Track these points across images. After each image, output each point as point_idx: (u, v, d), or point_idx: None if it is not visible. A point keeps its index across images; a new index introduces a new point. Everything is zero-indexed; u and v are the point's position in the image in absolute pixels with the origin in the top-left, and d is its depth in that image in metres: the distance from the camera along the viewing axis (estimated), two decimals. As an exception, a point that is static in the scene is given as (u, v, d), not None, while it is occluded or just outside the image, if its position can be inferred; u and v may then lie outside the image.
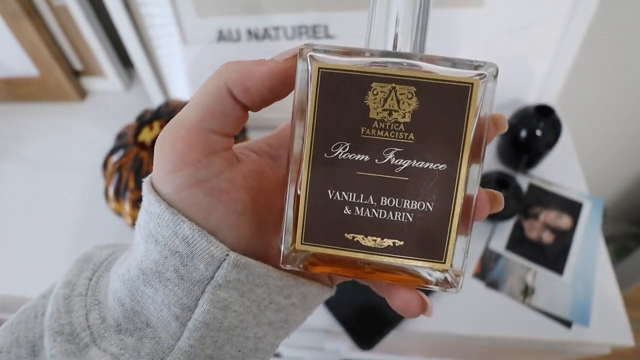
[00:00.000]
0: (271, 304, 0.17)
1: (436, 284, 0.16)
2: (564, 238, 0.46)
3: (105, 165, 0.46)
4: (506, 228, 0.48)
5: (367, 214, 0.15)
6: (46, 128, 0.66)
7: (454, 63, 0.14)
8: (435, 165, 0.14)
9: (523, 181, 0.51)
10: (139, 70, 0.57)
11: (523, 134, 0.47)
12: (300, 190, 0.15)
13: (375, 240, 0.15)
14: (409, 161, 0.14)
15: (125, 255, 0.18)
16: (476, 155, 0.15)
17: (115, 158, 0.45)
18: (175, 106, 0.47)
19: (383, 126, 0.14)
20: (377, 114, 0.14)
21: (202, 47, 0.53)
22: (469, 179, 0.15)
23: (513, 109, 0.51)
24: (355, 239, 0.15)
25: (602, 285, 0.43)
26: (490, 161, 0.53)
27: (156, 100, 0.60)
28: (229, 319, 0.16)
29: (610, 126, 0.76)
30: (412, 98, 0.14)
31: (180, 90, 0.59)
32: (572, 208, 0.49)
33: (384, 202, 0.15)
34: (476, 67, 0.14)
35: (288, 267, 0.16)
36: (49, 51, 0.60)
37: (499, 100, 0.53)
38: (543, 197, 0.50)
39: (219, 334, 0.16)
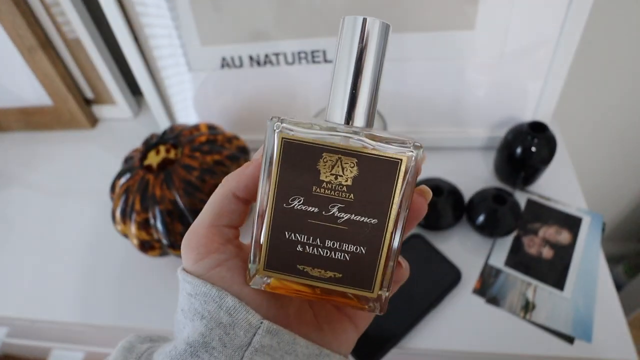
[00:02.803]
0: None
1: (367, 309, 0.20)
2: (564, 253, 0.47)
3: (113, 188, 0.48)
4: (505, 244, 0.48)
5: (314, 252, 0.19)
6: (58, 155, 0.68)
7: (389, 141, 0.18)
8: (369, 219, 0.18)
9: (521, 197, 0.52)
10: (147, 97, 0.59)
11: (518, 151, 0.48)
12: (263, 230, 0.19)
13: (320, 272, 0.19)
14: (349, 215, 0.18)
15: (164, 345, 0.20)
16: (401, 213, 0.18)
17: (122, 181, 0.47)
18: (179, 130, 0.49)
19: (330, 187, 0.18)
20: (326, 176, 0.18)
21: (206, 74, 0.56)
22: (395, 231, 0.18)
23: (509, 127, 0.52)
24: (305, 270, 0.19)
25: (603, 300, 0.43)
26: (488, 178, 0.54)
27: (163, 126, 0.63)
28: None
29: (608, 141, 0.77)
30: (353, 167, 0.18)
31: (186, 116, 0.61)
32: (572, 223, 0.49)
33: (327, 244, 0.19)
34: (405, 145, 0.18)
35: (252, 285, 0.19)
36: (63, 82, 0.64)
37: (495, 118, 0.55)
38: (542, 213, 0.50)
39: None
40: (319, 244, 0.19)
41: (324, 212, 0.18)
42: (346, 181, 0.18)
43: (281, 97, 0.56)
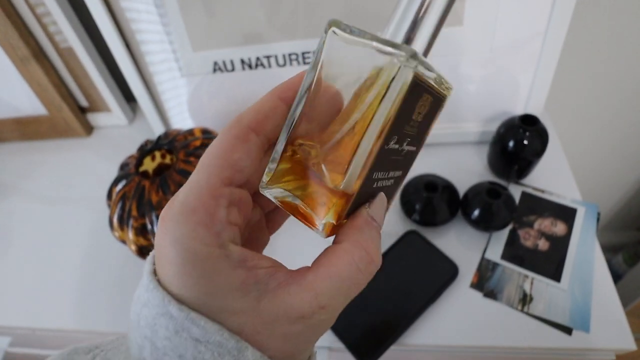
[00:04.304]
0: None
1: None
2: (560, 245, 0.47)
3: (109, 195, 0.48)
4: (501, 237, 0.48)
5: (383, 185, 0.18)
6: (55, 164, 0.69)
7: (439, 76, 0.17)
8: (415, 148, 0.19)
9: (516, 191, 0.52)
10: (140, 104, 0.60)
11: (511, 144, 0.49)
12: (353, 173, 0.16)
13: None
14: (410, 147, 0.18)
15: None
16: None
17: (118, 187, 0.47)
18: (173, 135, 0.50)
19: (413, 124, 0.17)
20: (416, 115, 0.17)
21: (199, 78, 0.56)
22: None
23: (501, 121, 0.52)
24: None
25: (600, 290, 0.43)
26: (482, 173, 0.54)
27: (158, 132, 0.63)
28: None
29: (600, 131, 0.77)
30: (428, 104, 0.17)
31: (181, 121, 0.62)
32: (567, 214, 0.49)
33: (391, 174, 0.19)
34: (447, 85, 0.18)
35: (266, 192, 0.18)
36: (57, 91, 0.64)
37: (488, 113, 0.55)
38: (537, 205, 0.50)
39: None
40: (388, 176, 0.18)
41: (399, 147, 0.17)
42: (420, 117, 0.17)
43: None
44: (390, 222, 0.51)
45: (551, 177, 0.53)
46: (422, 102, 0.16)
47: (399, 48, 0.14)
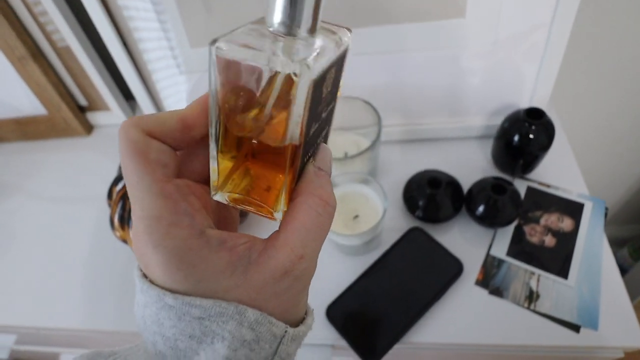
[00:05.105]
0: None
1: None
2: (567, 240, 0.46)
3: (110, 194, 0.48)
4: (506, 234, 0.47)
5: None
6: (55, 163, 0.68)
7: (334, 32, 0.18)
8: (332, 105, 0.20)
9: (521, 186, 0.51)
10: (139, 102, 0.59)
11: (516, 138, 0.48)
12: (290, 174, 0.17)
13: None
14: (325, 112, 0.19)
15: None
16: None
17: (118, 187, 0.47)
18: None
19: (325, 97, 0.18)
20: (324, 92, 0.17)
21: (198, 75, 0.56)
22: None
23: (506, 114, 0.51)
24: None
25: (608, 287, 0.42)
26: (486, 168, 0.54)
27: (158, 130, 0.62)
28: None
29: (607, 124, 0.76)
30: (333, 73, 0.18)
31: (180, 119, 0.61)
32: (573, 210, 0.48)
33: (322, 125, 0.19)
34: (342, 33, 0.18)
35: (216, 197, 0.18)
36: (56, 90, 0.63)
37: (492, 107, 0.54)
38: (542, 201, 0.49)
39: None
40: (321, 127, 0.19)
41: (318, 119, 0.18)
42: (329, 88, 0.18)
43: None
44: (393, 219, 0.50)
45: (557, 171, 0.52)
46: (329, 79, 0.17)
47: (290, 58, 0.15)
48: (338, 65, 0.18)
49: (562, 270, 0.44)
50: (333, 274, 0.46)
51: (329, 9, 0.47)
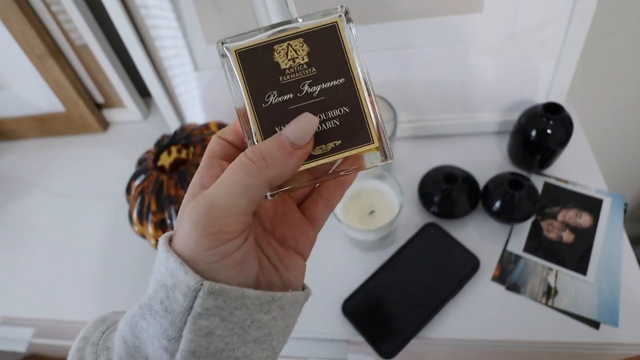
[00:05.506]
0: (253, 322, 0.18)
1: (379, 158, 0.21)
2: (585, 236, 0.45)
3: (128, 189, 0.48)
4: (523, 230, 0.47)
5: None
6: (72, 159, 0.69)
7: (322, 14, 0.20)
8: (337, 81, 0.20)
9: (538, 181, 0.51)
10: (156, 99, 0.60)
11: (533, 133, 0.47)
12: (255, 137, 0.20)
13: (321, 148, 0.20)
14: (319, 85, 0.20)
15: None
16: (359, 63, 0.20)
17: (137, 182, 0.47)
18: (190, 130, 0.50)
19: (293, 70, 0.20)
20: (285, 64, 0.20)
21: (212, 72, 0.56)
22: (363, 79, 0.20)
23: (522, 110, 0.50)
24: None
25: (628, 283, 0.42)
26: (502, 163, 0.53)
27: (173, 126, 0.63)
28: (215, 343, 0.17)
29: (625, 119, 0.75)
30: (303, 45, 0.20)
31: (194, 114, 0.62)
32: (592, 205, 0.48)
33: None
34: (332, 12, 0.20)
35: (268, 197, 0.20)
36: (73, 88, 0.64)
37: (507, 102, 0.53)
38: (560, 196, 0.49)
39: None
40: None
41: (298, 94, 0.20)
42: (303, 59, 0.20)
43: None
44: (408, 215, 0.50)
45: (575, 167, 0.51)
46: (280, 52, 0.20)
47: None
48: (318, 36, 0.20)
49: (580, 266, 0.43)
50: (349, 269, 0.47)
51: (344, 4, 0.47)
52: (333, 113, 0.20)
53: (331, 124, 0.20)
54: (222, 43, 0.20)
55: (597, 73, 0.66)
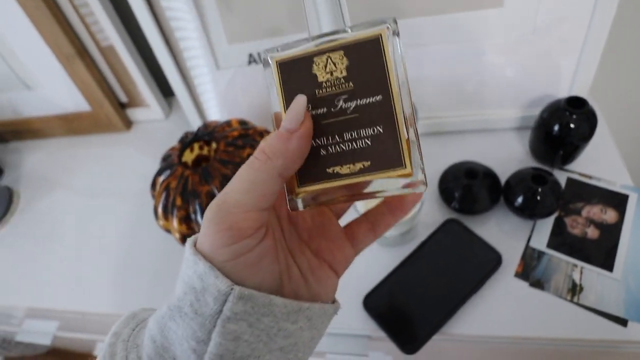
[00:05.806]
0: (280, 330, 0.18)
1: (408, 186, 0.19)
2: (611, 232, 0.45)
3: (153, 185, 0.50)
4: (546, 225, 0.46)
5: (337, 150, 0.20)
6: (96, 158, 0.71)
7: (369, 24, 0.19)
8: (374, 98, 0.19)
9: (561, 177, 0.50)
10: (179, 98, 0.61)
11: (556, 128, 0.47)
12: None
13: (349, 167, 0.19)
14: (355, 102, 0.19)
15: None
16: (401, 82, 0.19)
17: (162, 178, 0.48)
18: (213, 127, 0.51)
19: (330, 84, 0.19)
20: (323, 77, 0.19)
21: (234, 71, 0.57)
22: (402, 100, 0.19)
23: (544, 105, 0.50)
24: (335, 171, 0.20)
25: (657, 280, 0.41)
26: (524, 159, 0.53)
27: (194, 124, 0.64)
28: (241, 348, 0.18)
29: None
30: (342, 58, 0.19)
31: (215, 113, 0.63)
32: (617, 201, 0.47)
33: (346, 137, 0.19)
34: (380, 24, 0.19)
35: (299, 208, 0.20)
36: (99, 87, 0.66)
37: (528, 97, 0.53)
38: (584, 192, 0.48)
39: None
40: (338, 140, 0.19)
41: (332, 109, 0.19)
42: (341, 73, 0.19)
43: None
44: (428, 211, 0.50)
45: (598, 162, 0.50)
46: (319, 65, 0.19)
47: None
48: (361, 50, 0.19)
49: (606, 262, 0.43)
50: (369, 265, 0.47)
51: (366, 3, 0.47)
52: (366, 132, 0.19)
53: (362, 143, 0.19)
54: (267, 52, 0.20)
55: (620, 67, 0.65)
